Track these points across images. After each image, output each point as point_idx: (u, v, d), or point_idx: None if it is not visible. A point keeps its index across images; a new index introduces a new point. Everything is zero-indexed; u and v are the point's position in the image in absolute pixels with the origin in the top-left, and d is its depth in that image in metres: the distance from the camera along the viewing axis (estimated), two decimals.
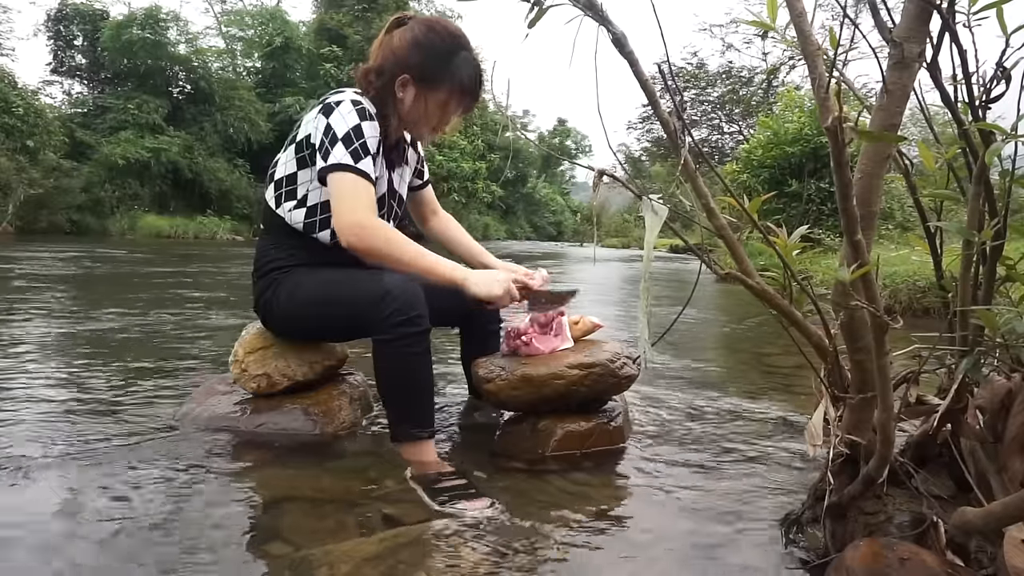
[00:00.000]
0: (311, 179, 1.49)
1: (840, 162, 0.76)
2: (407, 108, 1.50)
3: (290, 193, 1.51)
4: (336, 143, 1.39)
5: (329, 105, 1.43)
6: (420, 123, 1.54)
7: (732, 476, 1.41)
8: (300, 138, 1.48)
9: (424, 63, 1.46)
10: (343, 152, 1.38)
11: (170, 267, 7.54)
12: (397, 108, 1.51)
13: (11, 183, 15.06)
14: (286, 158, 1.52)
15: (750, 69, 24.13)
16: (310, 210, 1.50)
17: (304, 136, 1.47)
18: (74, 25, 21.01)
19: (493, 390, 1.52)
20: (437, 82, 1.47)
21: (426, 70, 1.46)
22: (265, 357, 1.60)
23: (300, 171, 1.49)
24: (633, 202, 1.75)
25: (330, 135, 1.40)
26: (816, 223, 9.27)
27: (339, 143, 1.39)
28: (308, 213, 1.50)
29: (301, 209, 1.50)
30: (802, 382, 2.32)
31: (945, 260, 1.05)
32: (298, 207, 1.50)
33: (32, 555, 0.98)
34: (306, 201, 1.50)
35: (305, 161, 1.48)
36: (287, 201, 1.51)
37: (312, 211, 1.50)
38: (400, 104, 1.50)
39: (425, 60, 1.46)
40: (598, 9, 0.89)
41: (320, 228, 1.50)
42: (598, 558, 1.04)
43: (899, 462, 0.98)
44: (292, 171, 1.50)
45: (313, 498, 1.23)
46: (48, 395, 1.84)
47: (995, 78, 0.83)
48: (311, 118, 1.46)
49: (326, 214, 1.49)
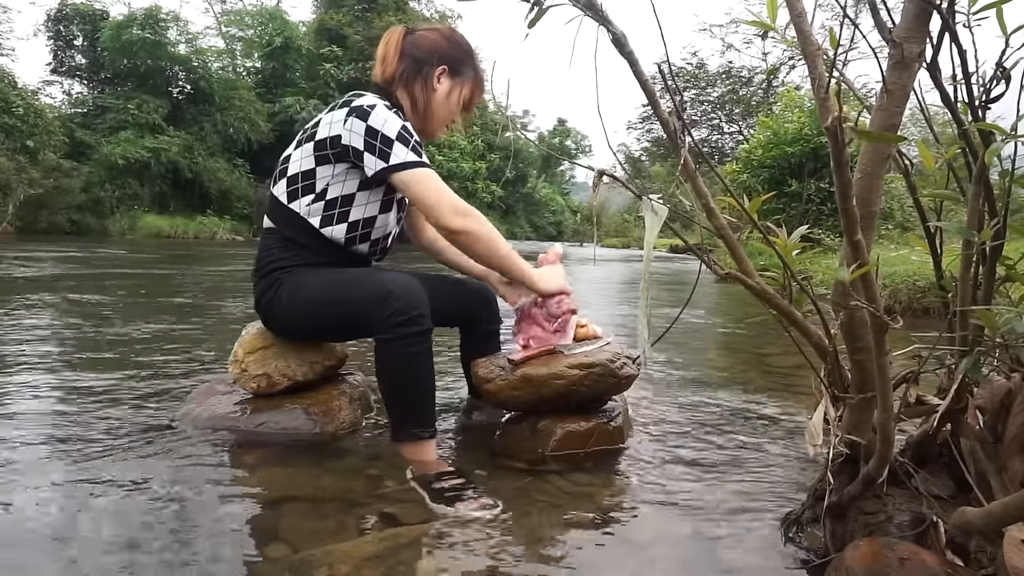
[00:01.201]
0: (332, 174, 1.48)
1: (840, 162, 0.76)
2: (439, 100, 1.58)
3: (307, 188, 1.50)
4: (392, 144, 1.41)
5: (362, 109, 1.42)
6: (442, 117, 1.61)
7: (732, 476, 1.41)
8: (322, 137, 1.46)
9: (459, 57, 1.59)
10: (406, 151, 1.42)
11: (170, 267, 7.54)
12: (428, 101, 1.57)
13: (11, 183, 15.06)
14: (301, 155, 1.51)
15: (750, 69, 24.17)
16: (329, 203, 1.50)
17: (330, 136, 1.45)
18: (74, 25, 21.01)
19: (493, 390, 1.52)
20: (466, 75, 1.60)
21: (460, 63, 1.59)
22: (265, 357, 1.60)
23: (320, 167, 1.49)
24: (633, 202, 1.76)
25: (379, 137, 1.41)
26: (816, 223, 9.28)
27: (396, 143, 1.41)
28: (327, 206, 1.50)
29: (320, 202, 1.50)
30: (802, 382, 2.32)
31: (945, 260, 1.05)
32: (316, 200, 1.50)
33: (31, 555, 0.98)
34: (325, 194, 1.49)
35: (327, 159, 1.47)
36: (304, 195, 1.50)
37: (331, 204, 1.50)
38: (433, 95, 1.57)
39: (459, 55, 1.59)
40: (598, 9, 0.89)
41: (337, 221, 1.51)
42: (598, 558, 1.04)
43: (899, 462, 0.98)
44: (310, 167, 1.49)
45: (313, 498, 1.23)
46: (47, 395, 1.84)
47: (995, 78, 0.83)
48: (337, 119, 1.44)
49: (345, 208, 1.50)
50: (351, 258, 1.56)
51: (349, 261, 1.56)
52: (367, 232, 1.55)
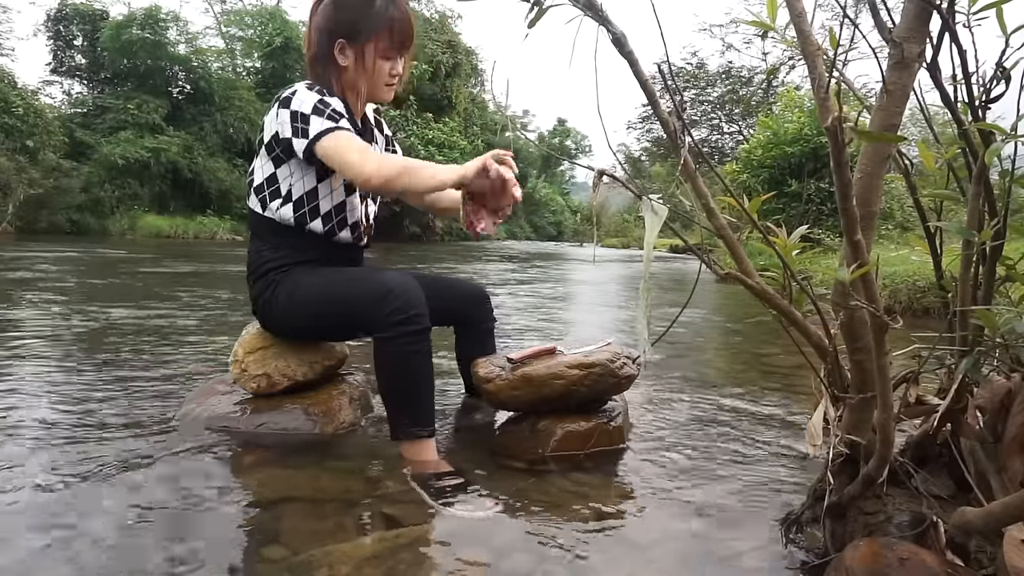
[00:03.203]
0: (291, 173, 1.50)
1: (840, 162, 0.76)
2: (352, 73, 1.51)
3: (274, 193, 1.52)
4: (308, 119, 1.40)
5: (285, 98, 1.45)
6: (370, 84, 1.53)
7: (732, 476, 1.41)
8: (268, 139, 1.49)
9: (349, 20, 1.47)
10: (320, 121, 1.40)
11: (170, 267, 7.54)
12: (344, 78, 1.52)
13: (11, 183, 15.05)
14: (261, 162, 1.53)
15: (750, 69, 24.13)
16: (298, 202, 1.51)
17: (271, 135, 1.48)
18: (74, 25, 21.00)
19: (493, 390, 1.52)
20: (367, 32, 1.47)
21: (353, 25, 1.47)
22: (265, 357, 1.60)
23: (278, 169, 1.51)
24: (633, 202, 1.75)
25: (299, 117, 1.41)
26: (816, 223, 9.27)
27: (312, 117, 1.40)
28: (296, 206, 1.51)
29: (288, 204, 1.51)
30: (802, 382, 2.32)
31: (945, 260, 1.05)
32: (285, 203, 1.51)
33: (30, 555, 0.98)
34: (291, 195, 1.51)
35: (280, 159, 1.49)
36: (273, 200, 1.52)
37: (300, 203, 1.51)
38: (345, 72, 1.51)
39: (348, 17, 1.47)
40: (598, 9, 0.89)
41: (311, 218, 1.52)
42: (598, 558, 1.04)
43: (899, 462, 0.98)
44: (270, 172, 1.52)
45: (313, 498, 1.23)
46: (46, 394, 1.83)
47: (995, 78, 0.83)
48: (271, 117, 1.48)
49: (313, 203, 1.51)
50: (338, 247, 1.57)
51: (338, 250, 1.57)
52: (343, 218, 1.55)
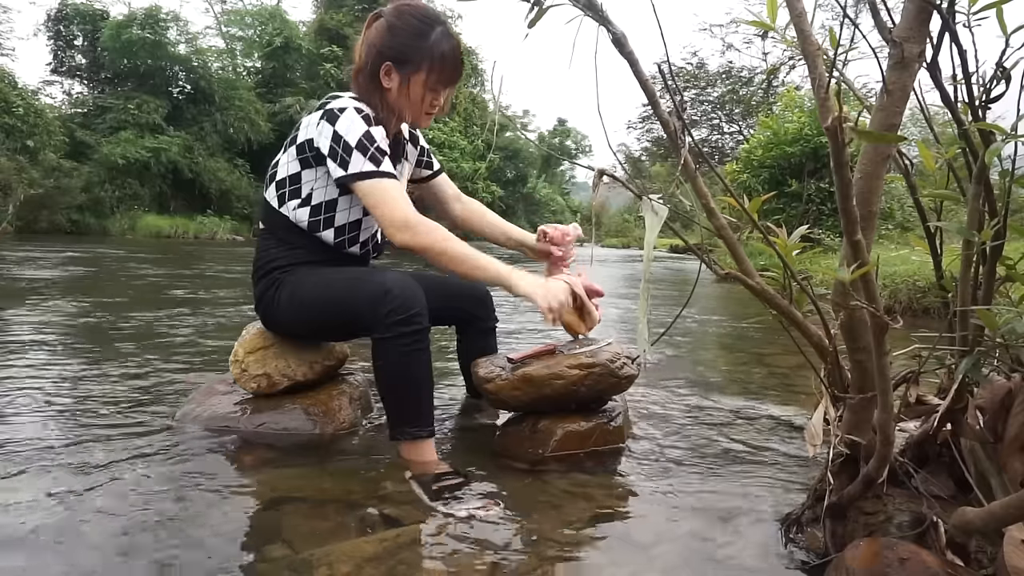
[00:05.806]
0: (315, 179, 1.50)
1: (840, 162, 0.76)
2: (395, 96, 1.50)
3: (294, 192, 1.51)
4: (351, 152, 1.39)
5: (333, 112, 1.42)
6: (411, 109, 1.53)
7: (732, 476, 1.41)
8: (302, 141, 1.48)
9: (400, 46, 1.47)
10: (362, 160, 1.39)
11: (170, 267, 7.54)
12: (386, 99, 1.51)
13: (11, 183, 15.07)
14: (287, 159, 1.52)
15: (750, 69, 24.12)
16: (315, 208, 1.51)
17: (306, 139, 1.47)
18: (74, 25, 21.03)
19: (493, 390, 1.52)
20: (416, 62, 1.47)
21: (404, 52, 1.47)
22: (265, 357, 1.60)
23: (304, 171, 1.50)
24: (633, 202, 1.75)
25: (342, 144, 1.40)
26: (816, 223, 9.27)
27: (355, 152, 1.39)
28: (313, 212, 1.51)
29: (306, 208, 1.51)
30: (802, 382, 2.32)
31: (945, 260, 1.05)
32: (303, 205, 1.51)
33: (31, 556, 0.98)
34: (311, 200, 1.51)
35: (309, 162, 1.49)
36: (291, 200, 1.52)
37: (316, 210, 1.51)
38: (388, 94, 1.50)
39: (401, 42, 1.46)
40: (598, 9, 0.89)
41: (324, 227, 1.52)
42: (598, 558, 1.04)
43: (899, 462, 0.99)
44: (295, 171, 1.51)
45: (313, 498, 1.23)
46: (46, 394, 1.83)
47: (995, 78, 0.83)
48: (312, 122, 1.46)
49: (330, 213, 1.51)
50: (344, 257, 1.57)
51: (345, 258, 1.57)
52: (354, 235, 1.56)
